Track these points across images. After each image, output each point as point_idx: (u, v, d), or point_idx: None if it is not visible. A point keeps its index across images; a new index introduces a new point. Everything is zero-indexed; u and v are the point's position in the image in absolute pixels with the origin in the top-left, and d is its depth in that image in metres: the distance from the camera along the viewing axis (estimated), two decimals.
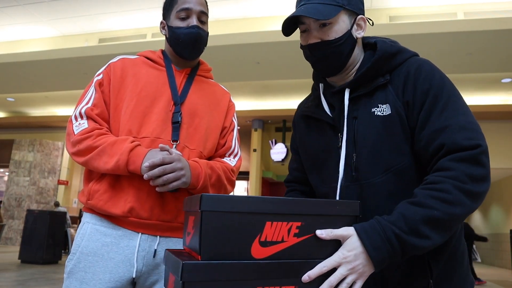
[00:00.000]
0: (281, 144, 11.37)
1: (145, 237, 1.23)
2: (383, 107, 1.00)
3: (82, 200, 1.27)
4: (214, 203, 0.78)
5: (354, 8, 1.05)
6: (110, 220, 1.23)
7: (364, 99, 1.04)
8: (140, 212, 1.21)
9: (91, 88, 1.31)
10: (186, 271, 0.74)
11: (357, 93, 1.04)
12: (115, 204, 1.20)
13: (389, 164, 0.98)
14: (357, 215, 0.90)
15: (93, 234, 1.22)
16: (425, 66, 1.01)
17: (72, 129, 1.25)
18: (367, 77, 1.03)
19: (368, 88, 1.03)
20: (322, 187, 1.12)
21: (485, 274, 9.80)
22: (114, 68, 1.33)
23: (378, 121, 0.99)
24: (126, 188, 1.22)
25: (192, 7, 1.32)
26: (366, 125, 1.01)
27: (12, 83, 9.10)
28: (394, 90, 1.01)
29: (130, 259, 1.20)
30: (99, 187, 1.22)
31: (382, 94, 1.02)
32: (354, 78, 1.05)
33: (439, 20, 6.55)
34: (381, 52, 1.03)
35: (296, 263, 0.82)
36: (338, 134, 1.06)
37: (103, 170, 1.20)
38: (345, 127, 1.03)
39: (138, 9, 8.01)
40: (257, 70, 7.75)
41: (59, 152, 13.43)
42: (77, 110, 1.28)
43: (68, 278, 1.22)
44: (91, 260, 1.20)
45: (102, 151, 1.19)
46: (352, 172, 1.01)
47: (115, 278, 1.18)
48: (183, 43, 1.32)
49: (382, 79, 1.02)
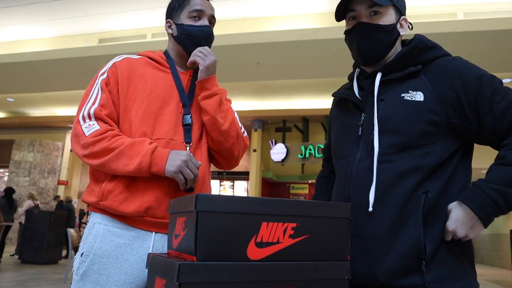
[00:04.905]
0: (281, 144, 11.37)
1: (159, 237, 1.23)
2: (414, 94, 1.07)
3: (90, 200, 1.24)
4: (209, 203, 0.78)
5: (401, 7, 1.15)
6: (122, 221, 1.22)
7: (394, 84, 1.11)
8: (156, 212, 1.20)
9: (95, 87, 1.29)
10: (183, 272, 0.73)
11: (388, 77, 1.11)
12: (131, 205, 1.19)
13: (408, 144, 1.04)
14: (349, 217, 0.90)
15: (106, 236, 1.21)
16: (464, 62, 1.08)
17: (81, 131, 1.21)
18: (401, 63, 1.11)
19: (399, 73, 1.10)
20: (337, 162, 1.21)
21: (485, 274, 9.79)
22: (120, 67, 1.32)
23: (407, 106, 1.06)
24: (142, 189, 1.20)
25: (205, 10, 1.37)
26: (393, 107, 1.07)
27: (12, 83, 9.11)
28: (428, 81, 1.07)
29: (144, 260, 1.19)
30: (114, 188, 1.20)
31: (413, 82, 1.08)
32: (388, 63, 1.13)
33: (439, 20, 6.55)
34: (418, 41, 1.11)
35: (292, 265, 0.82)
36: (361, 113, 1.14)
37: (122, 172, 1.18)
38: (375, 106, 1.09)
39: (138, 9, 8.01)
40: (257, 70, 7.75)
41: (59, 152, 13.44)
42: (84, 110, 1.25)
43: (81, 281, 1.19)
44: (106, 262, 1.18)
45: (120, 153, 1.17)
46: (368, 147, 1.08)
47: (130, 279, 1.18)
48: (196, 38, 1.35)
49: (414, 68, 1.09)
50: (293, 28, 7.07)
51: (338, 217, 0.89)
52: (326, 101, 10.08)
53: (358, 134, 1.12)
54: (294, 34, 6.57)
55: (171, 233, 0.94)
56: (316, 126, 11.92)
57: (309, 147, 10.93)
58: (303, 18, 7.83)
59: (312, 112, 10.98)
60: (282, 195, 12.99)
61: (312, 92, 9.92)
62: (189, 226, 0.81)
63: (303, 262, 0.83)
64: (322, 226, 0.86)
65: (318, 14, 7.79)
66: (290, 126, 12.39)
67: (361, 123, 1.13)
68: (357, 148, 1.11)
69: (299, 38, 6.48)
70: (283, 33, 6.72)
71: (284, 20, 7.84)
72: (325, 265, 0.86)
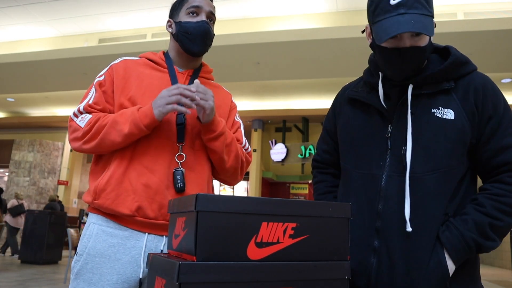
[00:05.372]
0: (281, 144, 11.37)
1: (152, 237, 1.23)
2: (444, 111, 1.06)
3: (88, 199, 1.26)
4: (209, 203, 0.78)
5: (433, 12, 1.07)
6: (116, 221, 1.23)
7: (425, 99, 1.08)
8: (147, 212, 1.21)
9: (91, 89, 1.33)
10: (183, 272, 0.73)
11: (419, 91, 1.08)
12: (122, 203, 1.20)
13: (439, 164, 1.04)
14: (349, 217, 0.90)
15: (99, 235, 1.23)
16: (492, 83, 1.10)
17: (77, 124, 1.26)
18: (435, 79, 1.08)
19: (432, 89, 1.08)
20: (356, 172, 1.15)
21: (485, 274, 9.80)
22: (117, 68, 1.34)
23: (437, 122, 1.05)
24: (133, 186, 1.21)
25: (203, 6, 1.36)
26: (423, 123, 1.06)
27: (12, 83, 9.10)
28: (459, 99, 1.07)
29: (137, 260, 1.20)
30: (106, 186, 1.22)
31: (444, 98, 1.07)
32: (422, 76, 1.08)
33: (439, 20, 6.52)
34: (454, 57, 1.08)
35: (292, 265, 0.82)
36: (387, 124, 1.11)
37: (118, 140, 1.20)
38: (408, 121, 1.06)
39: (138, 9, 8.01)
40: (257, 70, 7.75)
41: (59, 152, 13.43)
42: (78, 107, 1.30)
43: (75, 280, 1.22)
44: (98, 261, 1.20)
45: (113, 122, 1.21)
46: (399, 163, 1.06)
47: (122, 279, 1.19)
48: (192, 35, 1.34)
49: (447, 84, 1.08)
50: (293, 28, 7.07)
51: (338, 217, 0.89)
52: (326, 101, 10.08)
53: (387, 147, 1.09)
54: (294, 34, 6.57)
55: (171, 233, 0.94)
56: (316, 126, 11.91)
57: (309, 147, 10.94)
58: (303, 18, 7.83)
59: (312, 112, 10.97)
60: (282, 195, 12.99)
61: (312, 92, 9.92)
62: (189, 226, 0.81)
63: (303, 262, 0.83)
64: (322, 226, 0.86)
65: (318, 14, 7.79)
66: (290, 126, 12.40)
67: (389, 135, 1.10)
68: (384, 161, 1.09)
69: (299, 38, 6.48)
70: (283, 33, 6.72)
71: (284, 20, 7.84)
72: (325, 265, 0.86)
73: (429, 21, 1.02)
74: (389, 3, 1.03)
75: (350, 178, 1.18)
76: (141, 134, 1.22)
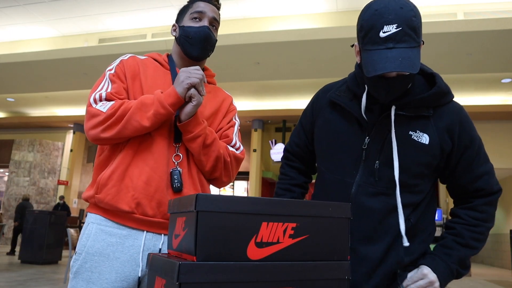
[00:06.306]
0: (281, 144, 11.36)
1: (150, 236, 1.24)
2: (420, 135, 1.11)
3: (89, 193, 1.26)
4: (210, 203, 0.78)
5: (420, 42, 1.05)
6: (115, 220, 1.24)
7: (404, 120, 1.12)
8: (146, 209, 1.22)
9: (104, 81, 1.31)
10: (183, 272, 0.73)
11: (400, 111, 1.12)
12: (122, 199, 1.21)
13: (408, 183, 1.12)
14: (349, 217, 0.91)
15: (98, 234, 1.23)
16: (467, 115, 1.18)
17: (97, 110, 1.22)
18: (416, 104, 1.12)
19: (412, 112, 1.12)
20: (329, 175, 1.21)
21: (485, 274, 9.80)
22: (127, 63, 1.36)
23: (412, 145, 1.11)
24: (134, 182, 1.22)
25: (206, 12, 1.38)
26: (399, 143, 1.11)
27: (12, 83, 9.11)
28: (436, 127, 1.12)
29: (135, 258, 1.21)
30: (108, 181, 1.22)
31: (422, 123, 1.12)
32: (405, 101, 1.12)
33: (439, 20, 6.55)
34: (439, 89, 1.13)
35: (292, 265, 0.82)
36: (365, 136, 1.14)
37: (145, 120, 1.21)
38: (393, 142, 1.11)
39: (138, 9, 8.01)
40: (257, 70, 7.76)
41: (59, 152, 13.44)
42: (95, 94, 1.26)
43: (74, 278, 1.22)
44: (97, 260, 1.21)
45: (140, 103, 1.22)
46: (370, 176, 1.13)
47: (121, 277, 1.19)
48: (193, 39, 1.36)
49: (426, 111, 1.13)
50: (293, 28, 7.07)
51: (338, 217, 0.89)
52: None
53: (361, 158, 1.14)
54: (293, 34, 6.57)
55: (171, 233, 0.94)
56: None
57: None
58: (302, 18, 7.83)
59: None
60: None
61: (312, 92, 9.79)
62: (189, 226, 0.81)
63: (303, 262, 0.83)
64: (322, 226, 0.86)
65: (318, 14, 7.79)
66: (290, 126, 12.39)
67: (365, 147, 1.14)
68: (356, 170, 1.14)
69: (298, 38, 6.49)
70: (282, 33, 6.72)
71: (283, 20, 7.84)
72: (325, 265, 0.86)
73: (415, 54, 1.02)
74: (378, 35, 1.02)
75: (324, 180, 1.24)
76: (167, 115, 1.23)
